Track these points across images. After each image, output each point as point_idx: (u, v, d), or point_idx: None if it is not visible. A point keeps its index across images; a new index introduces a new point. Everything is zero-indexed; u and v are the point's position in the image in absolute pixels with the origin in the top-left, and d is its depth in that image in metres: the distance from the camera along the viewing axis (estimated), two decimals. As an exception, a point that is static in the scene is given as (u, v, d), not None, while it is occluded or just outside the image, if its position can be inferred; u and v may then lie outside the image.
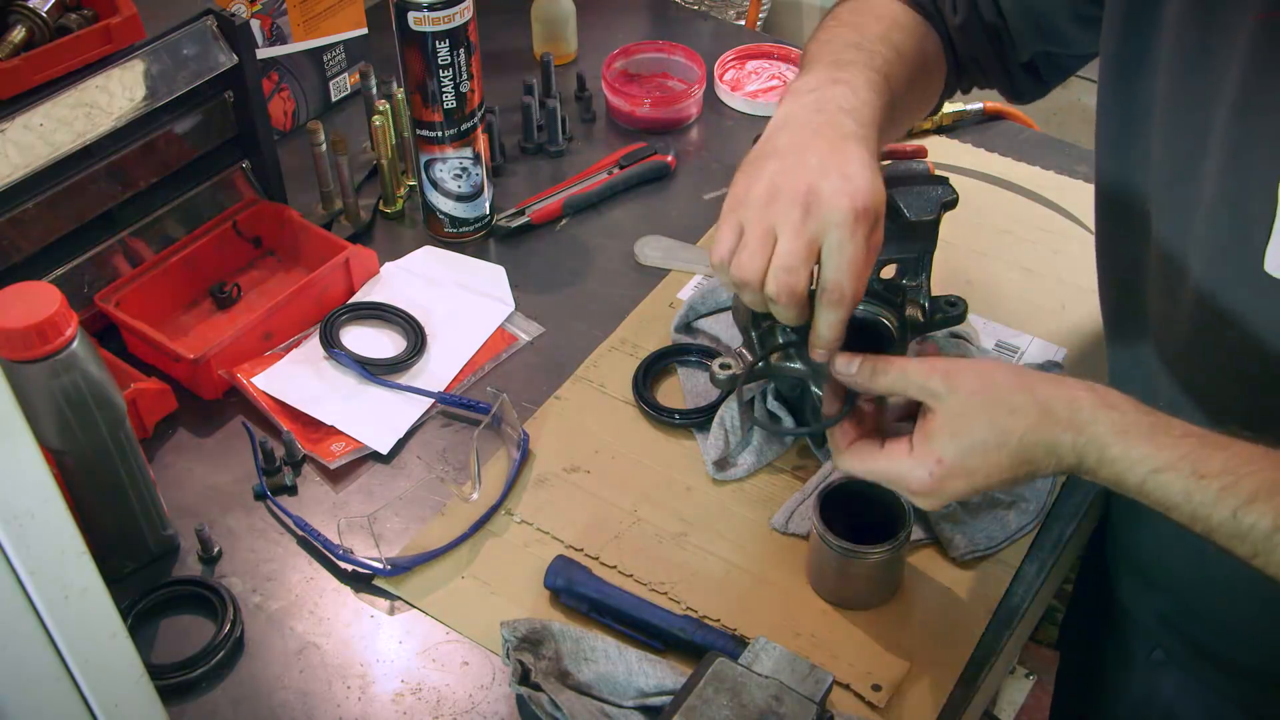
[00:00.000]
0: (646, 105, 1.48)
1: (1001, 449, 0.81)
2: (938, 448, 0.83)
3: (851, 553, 0.96)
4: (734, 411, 1.11)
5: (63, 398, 0.90)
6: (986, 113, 1.49)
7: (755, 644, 0.90)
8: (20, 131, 1.08)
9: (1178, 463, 0.77)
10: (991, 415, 0.81)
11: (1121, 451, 0.79)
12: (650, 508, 1.08)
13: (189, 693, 0.96)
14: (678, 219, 1.38)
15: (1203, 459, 0.77)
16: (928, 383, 0.84)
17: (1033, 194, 1.40)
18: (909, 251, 1.09)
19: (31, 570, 0.61)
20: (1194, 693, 1.09)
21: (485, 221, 1.36)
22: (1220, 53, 0.84)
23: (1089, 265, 1.33)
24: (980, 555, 1.04)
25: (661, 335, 1.24)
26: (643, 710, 0.93)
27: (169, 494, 1.07)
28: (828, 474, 1.09)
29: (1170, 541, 0.99)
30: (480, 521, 1.07)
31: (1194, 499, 0.76)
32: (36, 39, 1.12)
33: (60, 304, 0.88)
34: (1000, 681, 1.81)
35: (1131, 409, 0.80)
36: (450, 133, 1.27)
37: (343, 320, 1.23)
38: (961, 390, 0.83)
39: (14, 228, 1.11)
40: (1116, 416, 0.79)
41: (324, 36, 1.46)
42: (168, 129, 1.21)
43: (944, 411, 0.83)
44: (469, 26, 1.22)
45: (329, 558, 1.05)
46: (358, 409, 1.16)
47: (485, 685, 0.97)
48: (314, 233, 1.29)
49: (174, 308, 1.25)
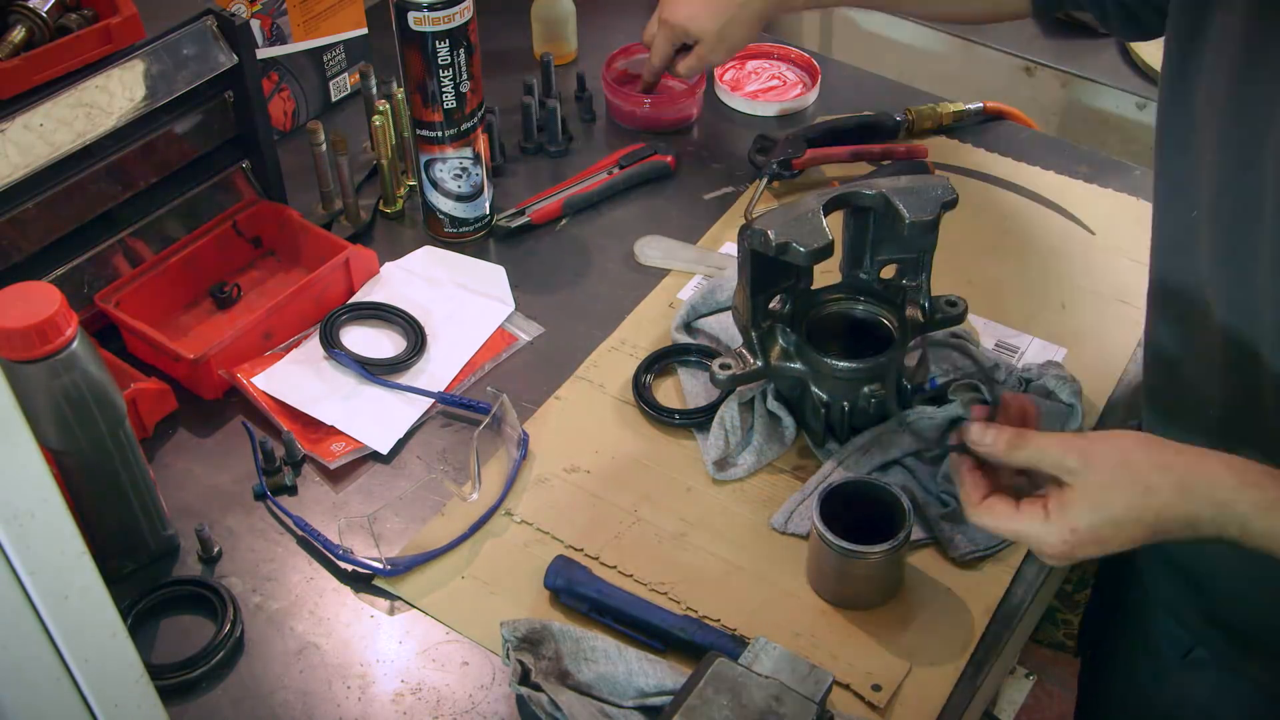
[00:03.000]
0: (646, 105, 1.48)
1: (1138, 523, 0.83)
2: (1073, 518, 0.84)
3: (851, 553, 0.96)
4: (734, 411, 1.11)
5: (63, 398, 0.90)
6: (986, 112, 1.49)
7: (755, 644, 0.90)
8: (20, 131, 1.08)
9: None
10: (1129, 493, 0.83)
11: (1266, 527, 0.80)
12: (650, 508, 1.08)
13: (189, 693, 0.96)
14: (678, 219, 1.38)
15: None
16: (1064, 460, 0.85)
17: (1033, 194, 1.40)
18: (909, 251, 1.09)
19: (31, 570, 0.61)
20: (1235, 692, 1.08)
21: (485, 221, 1.36)
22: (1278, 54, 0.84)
23: (1089, 265, 1.33)
24: (980, 555, 1.03)
25: (661, 335, 1.24)
26: (643, 710, 0.93)
27: (169, 494, 1.07)
28: (828, 474, 1.09)
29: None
30: (480, 521, 1.07)
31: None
32: (36, 39, 1.12)
33: (60, 304, 0.88)
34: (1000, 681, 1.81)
35: (1272, 484, 0.81)
36: (450, 133, 1.27)
37: (343, 320, 1.23)
38: (1099, 468, 0.84)
39: (14, 228, 1.11)
40: (1257, 495, 0.81)
41: (324, 36, 1.46)
42: (168, 129, 1.21)
43: (1081, 487, 0.84)
44: (469, 26, 1.22)
45: (329, 558, 1.05)
46: (358, 409, 1.16)
47: (485, 685, 0.97)
48: (314, 233, 1.29)
49: (174, 308, 1.25)
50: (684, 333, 1.22)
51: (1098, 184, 1.41)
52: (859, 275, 1.12)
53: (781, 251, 1.01)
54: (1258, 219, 0.88)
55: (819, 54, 1.59)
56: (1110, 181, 1.41)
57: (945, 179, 1.08)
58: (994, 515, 0.88)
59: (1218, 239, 0.92)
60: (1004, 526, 0.88)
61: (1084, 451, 0.85)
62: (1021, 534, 0.87)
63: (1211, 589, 1.06)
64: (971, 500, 0.90)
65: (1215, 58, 0.90)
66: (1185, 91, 0.93)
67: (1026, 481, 0.90)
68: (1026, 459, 0.87)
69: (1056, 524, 0.85)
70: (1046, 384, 1.12)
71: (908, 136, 1.47)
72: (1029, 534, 0.87)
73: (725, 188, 1.42)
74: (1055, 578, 1.09)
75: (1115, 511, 0.83)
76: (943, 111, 1.47)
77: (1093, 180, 1.41)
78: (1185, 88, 0.93)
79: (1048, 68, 1.76)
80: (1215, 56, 0.90)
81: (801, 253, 1.01)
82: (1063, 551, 0.85)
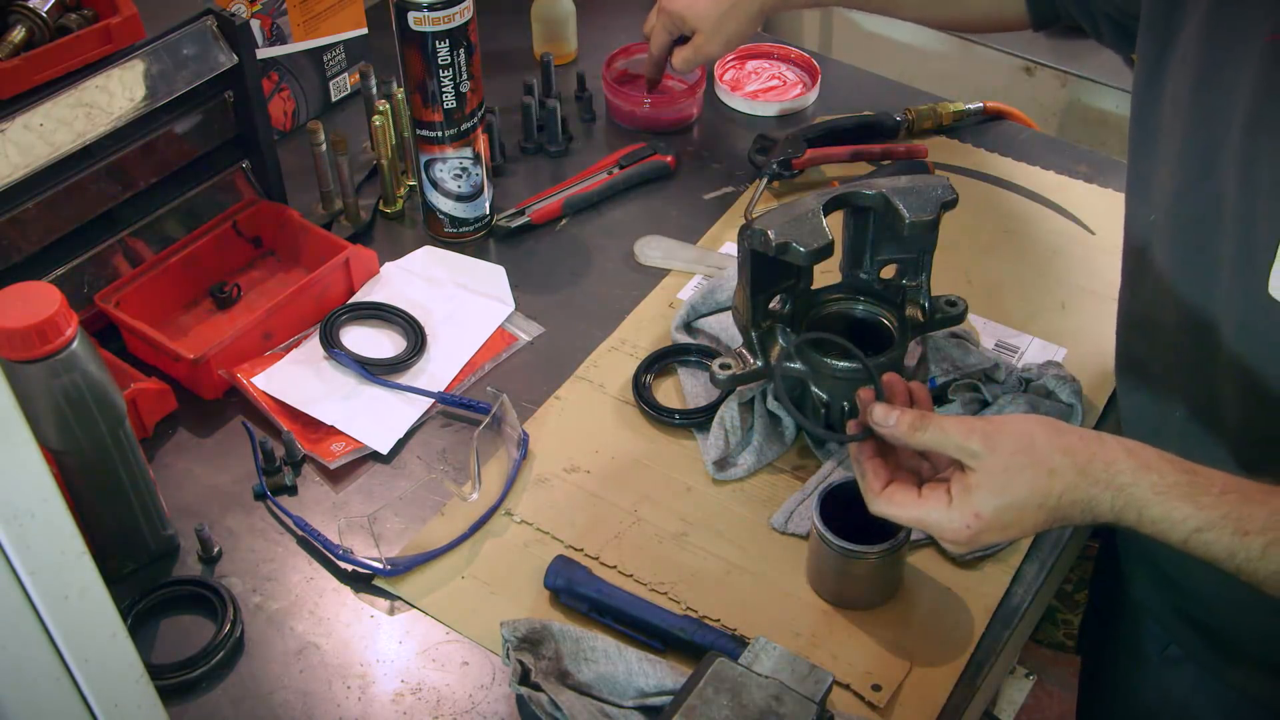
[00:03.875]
0: (646, 105, 1.48)
1: (1040, 508, 0.83)
2: (976, 503, 0.84)
3: (851, 553, 0.96)
4: (734, 411, 1.11)
5: (63, 398, 0.90)
6: (986, 112, 1.49)
7: (755, 644, 0.90)
8: (20, 131, 1.08)
9: (1219, 521, 0.78)
10: (1032, 476, 0.83)
11: (1162, 512, 0.80)
12: (650, 508, 1.08)
13: (189, 693, 0.96)
14: (678, 219, 1.38)
15: (1245, 516, 0.78)
16: (966, 443, 0.85)
17: (1033, 194, 1.40)
18: (909, 251, 1.09)
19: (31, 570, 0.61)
20: (1209, 690, 1.09)
21: (485, 221, 1.36)
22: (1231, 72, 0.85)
23: (1089, 265, 1.33)
24: (980, 555, 1.03)
25: (661, 335, 1.24)
26: (643, 710, 0.93)
27: (169, 494, 1.07)
28: (828, 474, 1.09)
29: None
30: (480, 521, 1.07)
31: (1238, 556, 0.78)
32: (36, 39, 1.12)
33: (60, 304, 0.88)
34: (1000, 681, 1.81)
35: (1170, 469, 0.81)
36: (450, 133, 1.27)
37: (343, 320, 1.23)
38: (1001, 451, 0.84)
39: (14, 228, 1.11)
40: (1155, 479, 0.81)
41: (324, 36, 1.46)
42: (168, 129, 1.21)
43: (983, 470, 0.84)
44: (469, 26, 1.22)
45: (329, 558, 1.05)
46: (358, 409, 1.16)
47: (485, 685, 0.97)
48: (314, 233, 1.29)
49: (174, 308, 1.25)
50: (684, 333, 1.22)
51: (1098, 184, 1.41)
52: (859, 275, 1.12)
53: (781, 251, 1.01)
54: (1216, 228, 0.89)
55: (819, 54, 1.59)
56: (1110, 181, 1.41)
57: (945, 179, 1.08)
58: (896, 505, 0.89)
59: (1174, 246, 0.94)
60: (906, 514, 0.88)
61: (986, 435, 0.85)
62: (924, 522, 0.87)
63: (1186, 585, 1.07)
64: (873, 489, 0.90)
65: (1179, 71, 0.92)
66: (1153, 101, 0.95)
67: (927, 465, 0.91)
68: (928, 440, 0.87)
69: (959, 510, 0.85)
70: (1046, 384, 1.12)
71: (908, 136, 1.47)
72: (932, 521, 0.87)
73: (725, 188, 1.42)
74: (1055, 577, 1.09)
75: (1018, 495, 0.83)
76: (943, 111, 1.47)
77: (1093, 180, 1.41)
78: (1152, 97, 0.95)
79: (1048, 68, 1.76)
80: (1179, 70, 0.92)
81: (801, 253, 1.01)
82: (967, 537, 0.85)
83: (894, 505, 0.89)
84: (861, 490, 0.91)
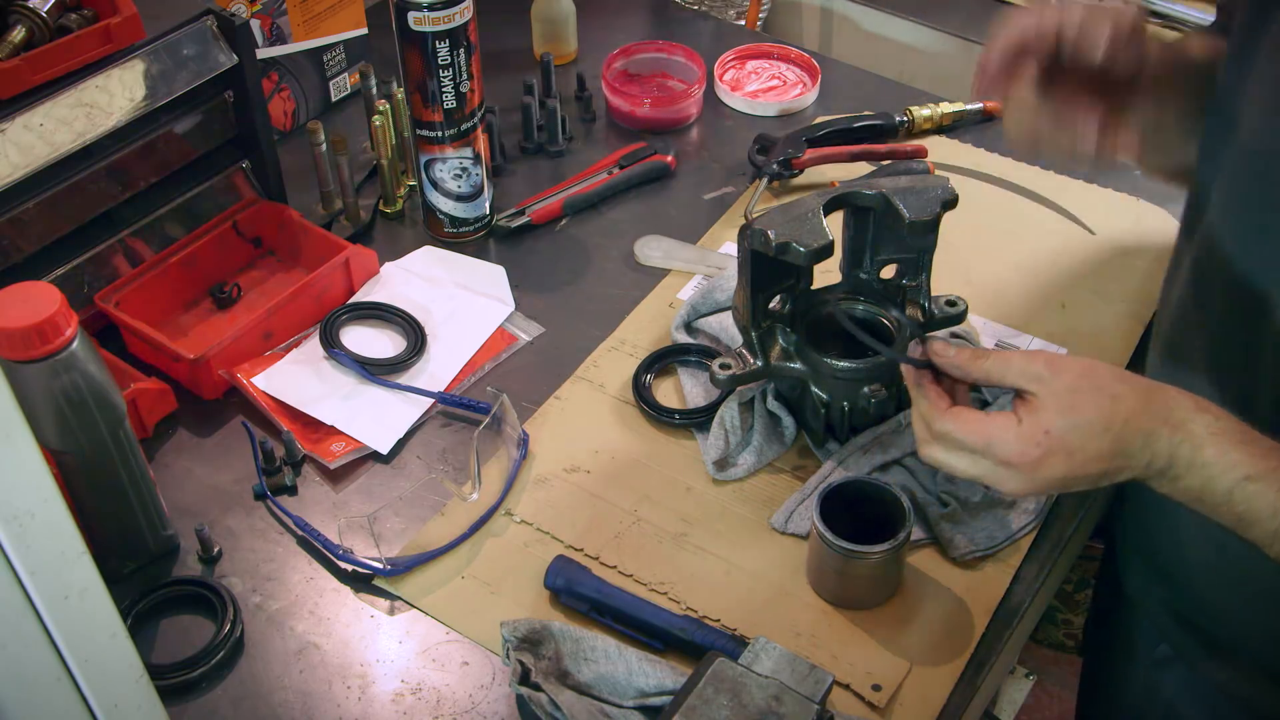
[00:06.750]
0: (646, 105, 1.48)
1: (1106, 433, 0.81)
2: (1045, 420, 0.82)
3: (851, 553, 0.96)
4: (734, 411, 1.11)
5: (63, 398, 0.90)
6: (986, 112, 1.49)
7: (755, 644, 0.90)
8: (20, 131, 1.08)
9: (1270, 474, 0.78)
10: (1097, 400, 0.82)
11: (1216, 454, 0.79)
12: (650, 508, 1.08)
13: (189, 693, 0.96)
14: (678, 219, 1.38)
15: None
16: (1030, 367, 0.84)
17: (1033, 194, 1.40)
18: (909, 251, 1.09)
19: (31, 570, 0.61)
20: (1196, 690, 1.08)
21: (485, 221, 1.36)
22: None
23: (1089, 265, 1.33)
24: (980, 555, 1.04)
25: (661, 335, 1.24)
26: (643, 710, 0.93)
27: (169, 494, 1.07)
28: (828, 474, 1.09)
29: (1189, 532, 0.99)
30: (480, 521, 1.07)
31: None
32: (36, 39, 1.12)
33: (60, 304, 0.88)
34: (1000, 681, 1.81)
35: (1225, 415, 0.81)
36: (450, 133, 1.27)
37: (343, 320, 1.23)
38: (1066, 375, 0.83)
39: (14, 228, 1.11)
40: (1210, 420, 0.80)
41: (324, 36, 1.46)
42: (168, 129, 1.21)
43: (1049, 394, 0.83)
44: (469, 26, 1.22)
45: (329, 558, 1.05)
46: (358, 409, 1.16)
47: (485, 685, 0.97)
48: (314, 233, 1.29)
49: (174, 308, 1.25)
50: (684, 332, 1.22)
51: (1098, 184, 1.41)
52: (859, 275, 1.12)
53: (781, 251, 1.01)
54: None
55: (819, 54, 1.59)
56: (1110, 181, 1.41)
57: (945, 179, 1.08)
58: (962, 421, 0.85)
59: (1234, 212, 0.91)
60: (973, 431, 0.85)
61: (1049, 361, 0.84)
62: (991, 439, 0.84)
63: (1183, 584, 1.06)
64: (939, 408, 0.87)
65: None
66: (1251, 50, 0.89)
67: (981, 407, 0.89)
68: (990, 368, 0.86)
69: (1029, 427, 0.82)
70: (1046, 384, 1.12)
71: (908, 136, 1.47)
72: (998, 440, 0.83)
73: (725, 188, 1.42)
74: (1055, 577, 1.09)
75: (1085, 414, 0.82)
76: (943, 111, 1.47)
77: (1093, 180, 1.41)
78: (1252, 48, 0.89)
79: (1048, 68, 1.75)
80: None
81: (801, 253, 1.01)
82: (1034, 457, 0.82)
83: (960, 421, 0.85)
84: (922, 415, 0.88)
